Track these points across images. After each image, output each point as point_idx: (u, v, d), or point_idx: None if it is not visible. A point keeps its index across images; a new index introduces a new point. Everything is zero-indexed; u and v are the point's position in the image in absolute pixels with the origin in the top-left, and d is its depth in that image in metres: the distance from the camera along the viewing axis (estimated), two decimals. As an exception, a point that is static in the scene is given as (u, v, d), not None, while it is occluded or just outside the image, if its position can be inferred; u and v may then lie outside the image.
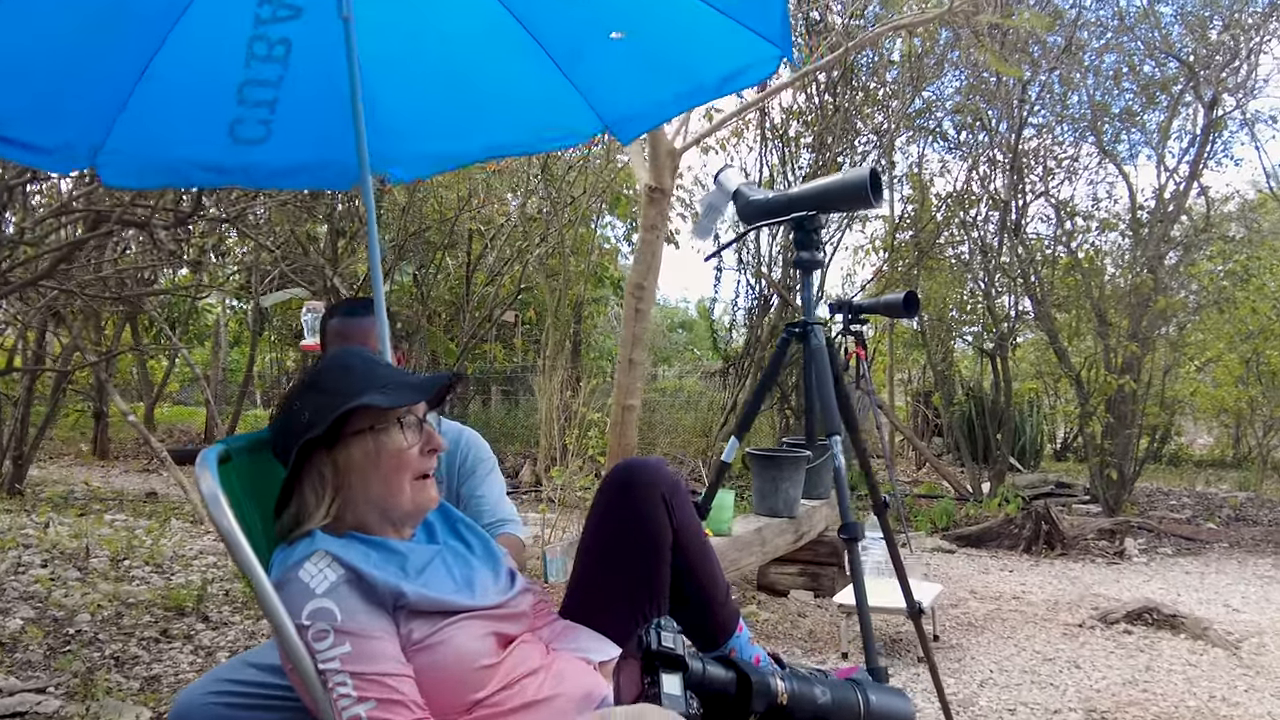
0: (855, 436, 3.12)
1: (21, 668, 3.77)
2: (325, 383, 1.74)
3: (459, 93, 2.63)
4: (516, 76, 2.51)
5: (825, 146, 10.75)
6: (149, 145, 2.54)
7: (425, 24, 2.47)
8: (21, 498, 7.90)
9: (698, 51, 2.27)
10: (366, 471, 1.71)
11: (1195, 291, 10.39)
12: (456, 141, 2.79)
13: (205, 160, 2.64)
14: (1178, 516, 9.53)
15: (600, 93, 2.51)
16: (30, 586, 4.88)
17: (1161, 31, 9.76)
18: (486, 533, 2.43)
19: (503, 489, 2.61)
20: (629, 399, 5.62)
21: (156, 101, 2.42)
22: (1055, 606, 5.77)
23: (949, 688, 4.18)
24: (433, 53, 2.54)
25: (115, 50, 2.32)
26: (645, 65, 2.40)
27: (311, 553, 1.61)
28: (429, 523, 1.89)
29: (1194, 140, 9.96)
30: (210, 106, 2.48)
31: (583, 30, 2.35)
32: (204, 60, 2.39)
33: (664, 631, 1.63)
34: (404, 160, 2.83)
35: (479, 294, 12.52)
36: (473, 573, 1.78)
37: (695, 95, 2.44)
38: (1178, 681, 4.35)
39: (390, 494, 1.71)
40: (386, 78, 2.59)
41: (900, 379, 15.00)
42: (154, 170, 2.69)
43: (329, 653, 1.53)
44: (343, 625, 1.54)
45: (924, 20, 5.85)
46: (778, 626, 5.13)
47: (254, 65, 2.39)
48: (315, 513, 1.69)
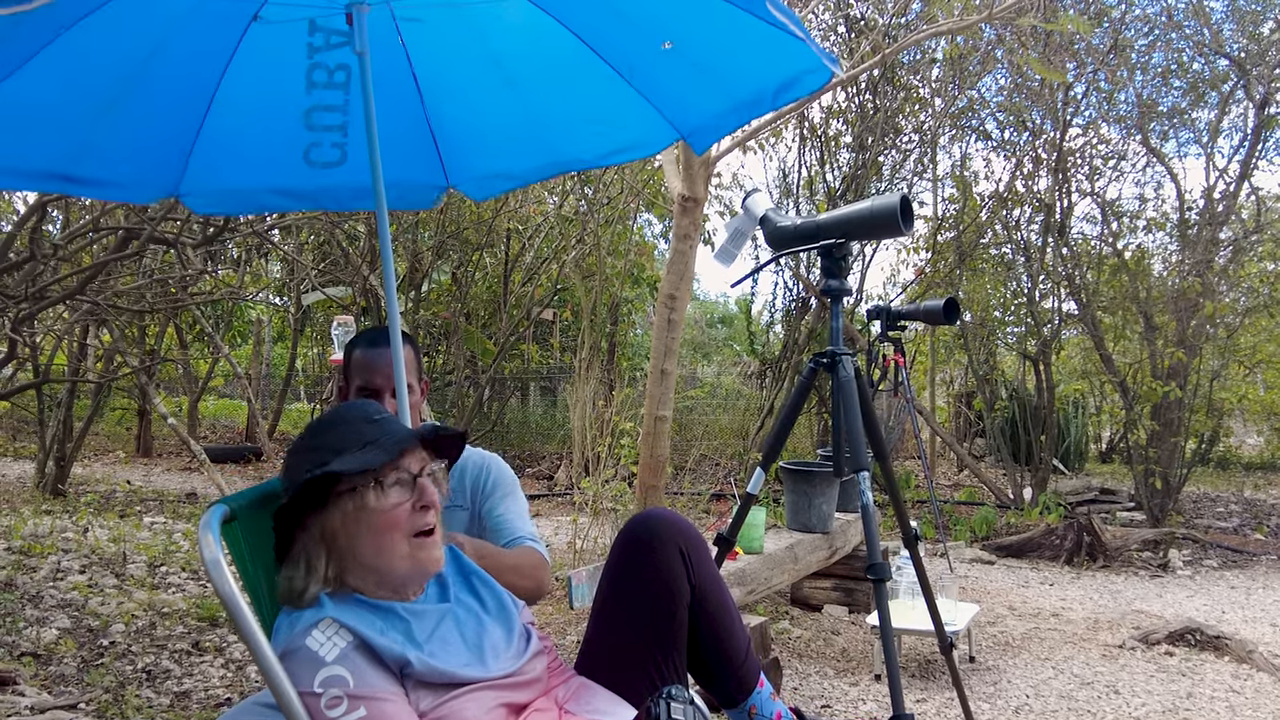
0: (885, 466, 3.06)
1: (55, 681, 3.80)
2: (314, 441, 1.73)
3: (526, 112, 2.66)
4: (582, 93, 2.53)
5: (865, 146, 10.63)
6: (226, 174, 2.64)
7: (488, 46, 2.50)
8: (64, 499, 8.02)
9: (754, 62, 2.26)
10: (353, 534, 1.67)
11: (1245, 294, 10.16)
12: (526, 159, 2.82)
13: (283, 186, 2.73)
14: (1224, 525, 9.33)
15: (667, 104, 2.52)
16: (68, 594, 4.94)
17: (1211, 28, 9.54)
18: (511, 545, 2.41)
19: (524, 509, 2.56)
20: (661, 409, 5.58)
21: (227, 133, 2.52)
22: (1095, 625, 5.66)
23: (983, 713, 4.11)
24: (497, 74, 2.57)
25: (176, 86, 2.41)
26: (705, 77, 2.40)
27: (319, 620, 1.59)
28: (442, 576, 1.86)
29: (1245, 139, 9.75)
30: (280, 134, 2.56)
31: (639, 43, 2.36)
32: (265, 91, 2.48)
33: (674, 703, 1.59)
34: (476, 179, 2.87)
35: (516, 293, 12.54)
36: (484, 634, 1.75)
37: (756, 105, 2.42)
38: (1220, 710, 4.24)
39: (382, 556, 1.67)
40: (453, 100, 2.65)
41: (942, 380, 14.82)
42: (234, 197, 2.79)
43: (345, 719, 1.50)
44: (356, 690, 1.52)
45: (964, 27, 5.73)
46: (810, 645, 5.07)
47: (316, 92, 2.48)
48: (312, 577, 1.67)
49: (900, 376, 5.25)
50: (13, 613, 4.52)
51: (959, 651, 4.88)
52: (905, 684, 4.41)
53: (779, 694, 2.63)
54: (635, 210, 12.09)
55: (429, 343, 12.70)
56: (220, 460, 10.69)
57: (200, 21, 2.28)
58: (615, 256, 11.92)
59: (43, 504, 7.63)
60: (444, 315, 12.52)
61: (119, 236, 4.38)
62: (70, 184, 2.56)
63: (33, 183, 2.73)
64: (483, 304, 12.84)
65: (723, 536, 3.04)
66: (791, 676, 4.54)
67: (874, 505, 2.77)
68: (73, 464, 8.65)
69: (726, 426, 11.79)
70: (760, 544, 4.65)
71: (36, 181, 2.67)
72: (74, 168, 2.46)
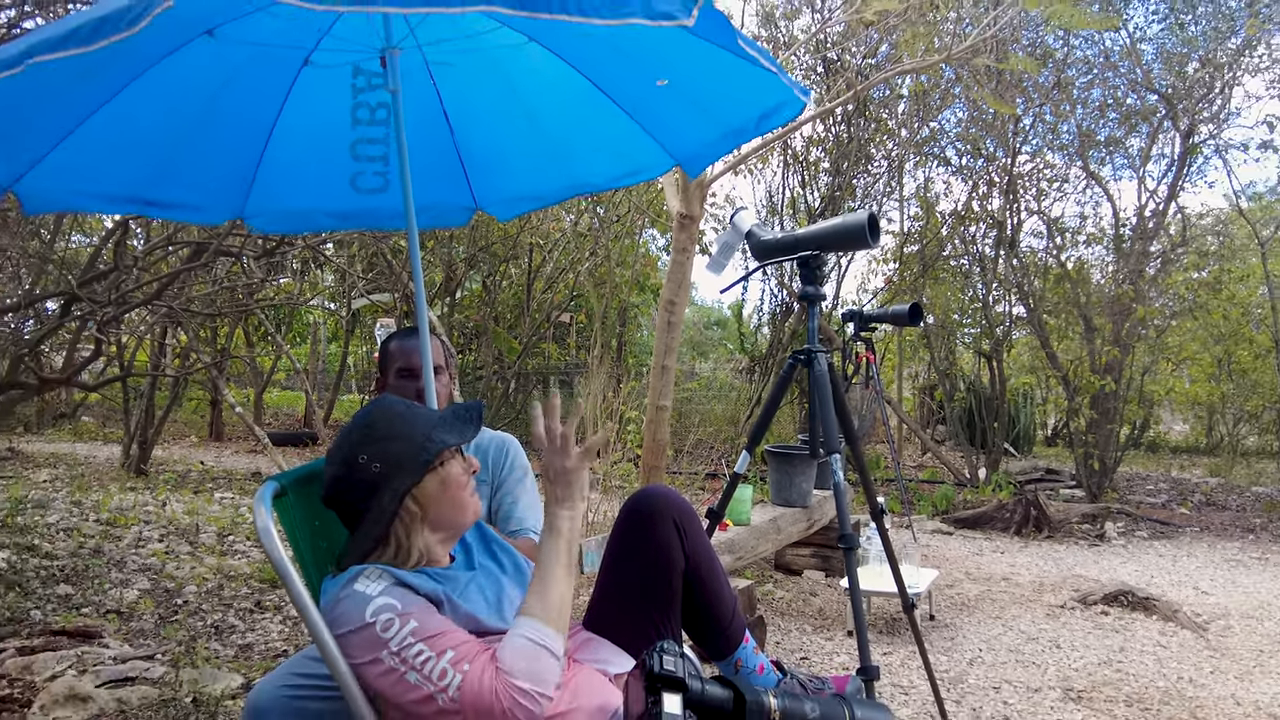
0: (856, 449, 3.04)
1: (135, 635, 3.81)
2: (382, 431, 1.69)
3: (543, 143, 2.65)
4: (592, 126, 2.51)
5: (841, 171, 10.61)
6: (284, 199, 2.64)
7: (509, 86, 2.50)
8: (146, 477, 8.03)
9: (737, 96, 2.24)
10: (440, 500, 1.69)
11: (1172, 300, 10.13)
12: (544, 184, 2.80)
13: (333, 209, 2.73)
14: (1153, 501, 9.30)
15: (665, 135, 2.52)
16: (148, 559, 4.94)
17: (1142, 68, 9.49)
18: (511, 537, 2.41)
19: (534, 499, 2.54)
20: (661, 400, 5.56)
21: (284, 162, 2.52)
22: (1040, 588, 5.64)
23: (941, 665, 4.10)
24: (517, 110, 2.56)
25: (239, 122, 2.41)
26: (696, 109, 2.39)
27: (362, 570, 1.59)
28: (466, 543, 1.86)
29: (1171, 164, 9.70)
30: (329, 164, 2.56)
31: (640, 82, 2.35)
32: (316, 126, 2.48)
33: (666, 655, 1.56)
34: (501, 201, 2.86)
35: (538, 299, 12.53)
36: (502, 594, 1.76)
37: (741, 134, 2.40)
38: (1149, 663, 4.22)
39: (459, 513, 1.72)
40: (479, 133, 2.65)
41: (908, 374, 14.78)
42: (291, 219, 2.80)
43: (400, 633, 1.50)
44: (404, 610, 1.53)
45: (927, 66, 5.71)
46: (791, 604, 5.06)
47: (360, 128, 2.48)
48: (407, 545, 1.68)
49: (871, 371, 5.24)
50: (100, 576, 4.53)
51: (920, 611, 4.87)
52: (873, 639, 4.40)
53: (762, 648, 2.62)
54: (641, 226, 12.09)
55: (462, 342, 12.69)
56: (281, 444, 10.70)
57: (259, 66, 2.29)
58: (623, 267, 11.91)
59: (127, 482, 7.65)
60: (475, 318, 12.52)
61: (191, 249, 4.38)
62: (148, 207, 2.56)
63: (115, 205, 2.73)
64: (509, 309, 12.83)
65: (713, 511, 3.02)
66: (774, 632, 4.53)
67: (845, 483, 2.76)
68: (153, 447, 8.66)
69: (720, 415, 11.76)
70: (747, 517, 4.64)
71: (119, 205, 2.67)
72: (151, 193, 2.47)
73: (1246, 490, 10.12)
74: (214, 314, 6.06)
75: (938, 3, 6.09)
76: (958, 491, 9.09)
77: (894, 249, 11.34)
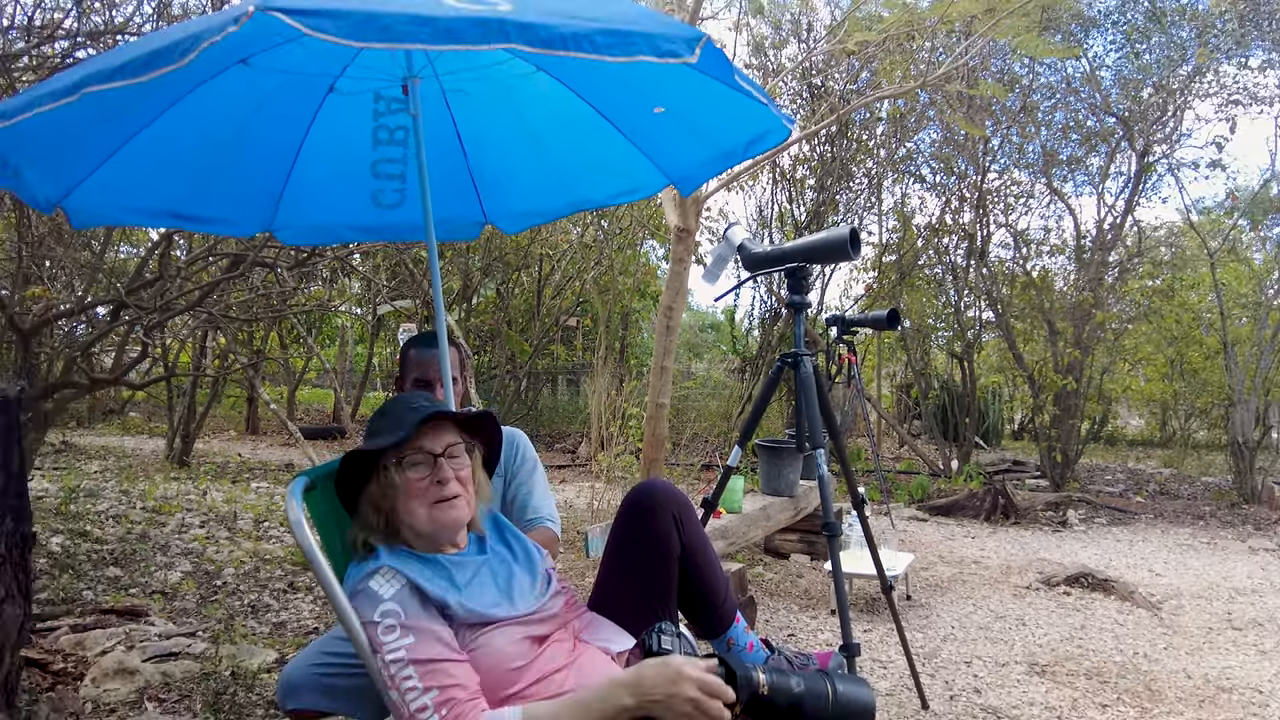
0: (838, 443, 3.04)
1: (179, 614, 3.80)
2: (370, 426, 1.75)
3: (548, 162, 2.64)
4: (593, 147, 2.51)
5: (825, 188, 10.61)
6: (310, 213, 2.64)
7: (518, 111, 2.49)
8: (188, 468, 8.02)
9: (728, 122, 2.23)
10: (392, 499, 1.68)
11: (1128, 305, 10.11)
12: (550, 199, 2.80)
13: (356, 223, 2.73)
14: (1112, 490, 9.28)
15: (661, 156, 2.52)
16: (190, 544, 4.93)
17: (1101, 93, 9.48)
18: (529, 525, 2.40)
19: (545, 488, 2.53)
20: (660, 398, 5.57)
21: (310, 180, 2.52)
22: (1007, 570, 5.63)
23: (917, 642, 4.09)
24: (525, 133, 2.56)
25: (269, 143, 2.42)
26: (690, 134, 2.39)
27: (379, 568, 1.59)
28: (482, 533, 1.85)
29: (1128, 181, 9.68)
30: (352, 181, 2.55)
31: (639, 108, 2.35)
32: (340, 146, 2.48)
33: (664, 634, 1.57)
34: (510, 216, 2.85)
35: (547, 305, 12.52)
36: (512, 579, 1.74)
37: (730, 157, 2.40)
38: (1107, 639, 4.22)
39: (408, 517, 1.67)
40: (490, 153, 2.65)
41: (886, 374, 14.75)
42: (317, 232, 2.81)
43: (395, 644, 1.50)
44: (407, 621, 1.52)
45: (904, 92, 5.70)
46: (780, 586, 5.05)
47: (380, 148, 2.48)
48: (367, 531, 1.69)
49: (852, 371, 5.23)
50: (146, 559, 4.52)
51: (897, 592, 4.86)
52: (854, 618, 4.39)
53: (753, 627, 2.62)
54: (641, 239, 12.07)
55: (477, 344, 12.68)
56: (312, 438, 10.67)
57: (289, 92, 2.29)
58: (625, 276, 11.91)
59: (171, 472, 7.64)
60: (490, 322, 12.52)
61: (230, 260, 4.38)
62: (186, 221, 2.56)
63: (156, 220, 2.72)
64: (520, 314, 12.82)
65: (708, 500, 3.02)
66: (764, 611, 4.52)
67: (829, 474, 2.75)
68: (195, 440, 8.65)
69: (714, 411, 11.74)
70: (739, 505, 4.64)
71: (159, 219, 2.67)
72: (188, 208, 2.46)
73: (1197, 480, 10.11)
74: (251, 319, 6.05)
75: (914, 33, 6.09)
76: (932, 482, 9.07)
77: (873, 259, 11.32)
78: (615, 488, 6.16)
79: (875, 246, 11.58)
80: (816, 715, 1.59)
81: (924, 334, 11.42)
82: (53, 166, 2.08)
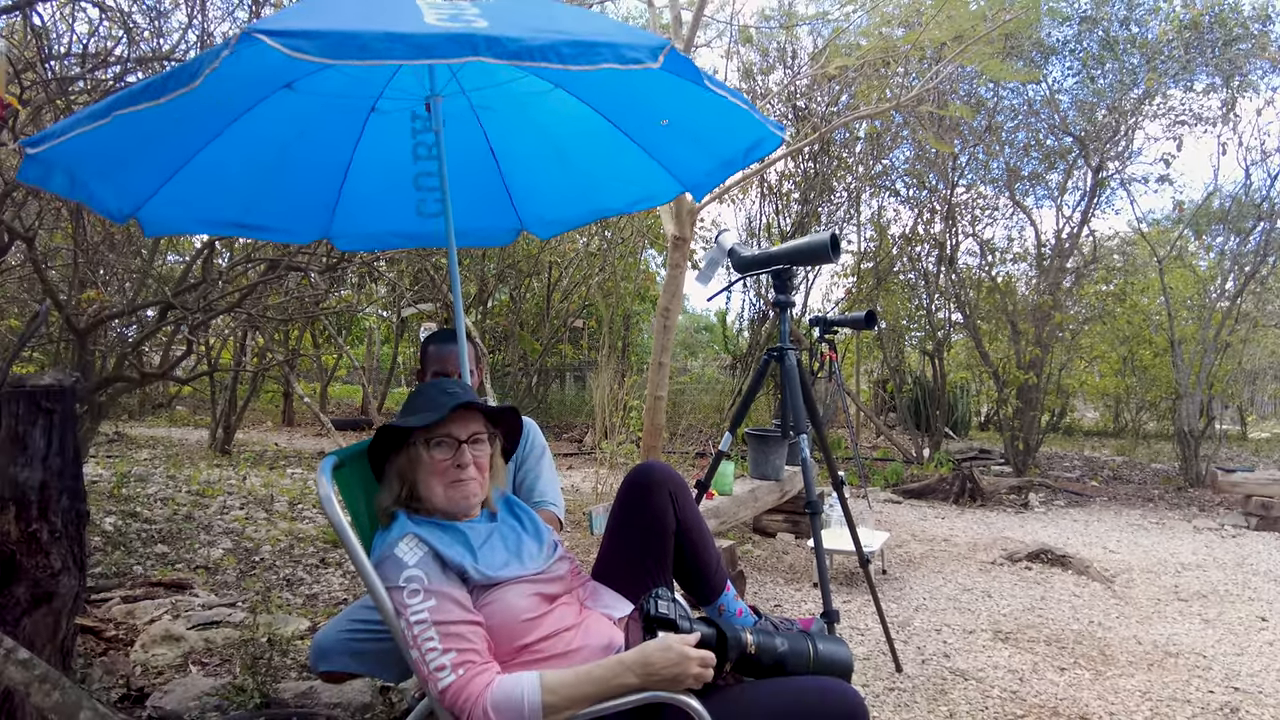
0: (820, 431, 3.04)
1: (221, 587, 3.80)
2: (409, 404, 1.75)
3: (572, 173, 2.65)
4: (612, 159, 2.51)
5: (809, 201, 10.59)
6: (362, 223, 2.66)
7: (540, 125, 2.49)
8: (229, 456, 8.03)
9: (728, 132, 2.23)
10: (413, 474, 1.70)
11: (1084, 308, 10.10)
12: (575, 207, 2.80)
13: (401, 230, 2.74)
14: (1069, 476, 9.28)
15: (673, 165, 2.52)
16: (231, 524, 4.94)
17: (1060, 114, 9.47)
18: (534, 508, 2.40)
19: (553, 475, 2.52)
20: (658, 391, 5.56)
21: (360, 192, 2.55)
22: (974, 547, 5.63)
23: (891, 611, 4.09)
24: (549, 146, 2.56)
25: (321, 159, 2.45)
26: (695, 144, 2.39)
27: (404, 535, 1.59)
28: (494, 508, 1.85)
29: (1084, 195, 9.67)
30: (398, 193, 2.56)
31: (649, 121, 2.36)
32: (385, 161, 2.49)
33: (660, 600, 1.57)
34: (541, 223, 2.85)
35: (556, 308, 12.51)
36: (521, 544, 1.75)
37: (733, 163, 2.39)
38: (1065, 609, 4.22)
39: (426, 491, 1.69)
40: (519, 165, 2.67)
41: (864, 370, 14.74)
42: (368, 239, 2.81)
43: (419, 607, 1.50)
44: (430, 586, 1.52)
45: (880, 112, 5.69)
46: (767, 561, 5.05)
47: (420, 163, 2.49)
48: (391, 498, 1.70)
49: (833, 367, 5.23)
50: (190, 537, 4.53)
51: (874, 566, 4.86)
52: (834, 589, 4.39)
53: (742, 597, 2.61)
54: (641, 247, 12.06)
55: (493, 344, 12.66)
56: (342, 429, 10.68)
57: (335, 113, 2.31)
58: (627, 281, 11.90)
59: (214, 460, 7.65)
60: (504, 324, 12.49)
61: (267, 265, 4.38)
62: (249, 230, 2.57)
63: (220, 229, 2.71)
64: (531, 316, 12.80)
65: (701, 483, 3.02)
66: (752, 584, 4.53)
67: (811, 460, 2.75)
68: (235, 431, 8.65)
69: (708, 404, 11.74)
70: (730, 488, 4.64)
71: (223, 228, 2.65)
72: (251, 218, 2.48)
73: (1147, 467, 10.10)
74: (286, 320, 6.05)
75: (889, 60, 6.08)
76: (906, 468, 9.06)
77: (852, 265, 11.31)
78: (617, 472, 6.17)
79: (854, 254, 11.57)
80: (799, 671, 1.59)
81: (899, 334, 11.41)
82: (121, 182, 2.09)
